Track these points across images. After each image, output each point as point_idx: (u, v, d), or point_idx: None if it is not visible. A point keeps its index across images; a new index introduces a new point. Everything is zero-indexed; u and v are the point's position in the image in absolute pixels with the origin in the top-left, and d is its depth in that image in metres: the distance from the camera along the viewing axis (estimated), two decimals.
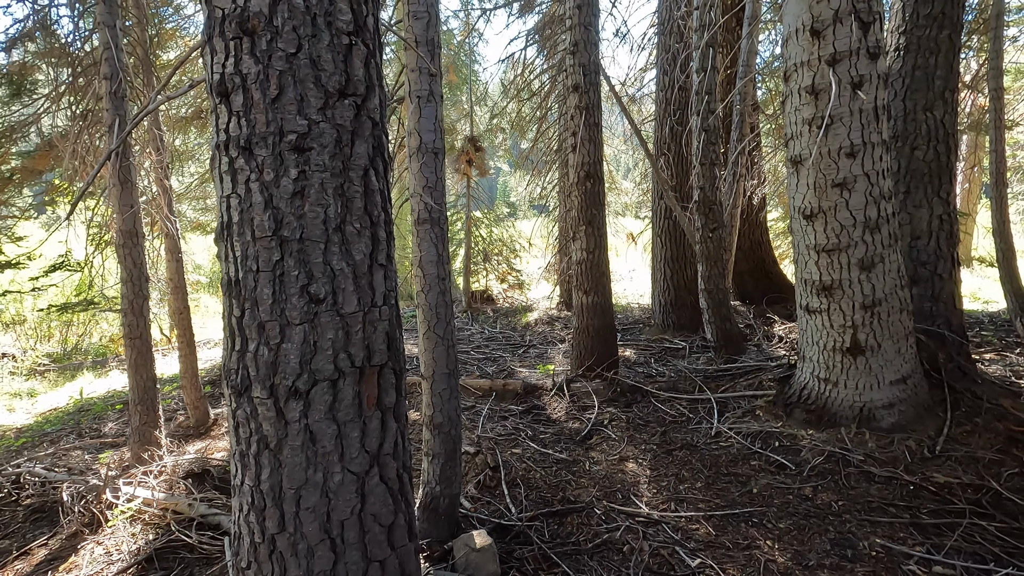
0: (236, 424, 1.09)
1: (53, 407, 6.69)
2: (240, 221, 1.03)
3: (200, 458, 3.79)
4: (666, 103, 6.86)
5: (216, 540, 2.77)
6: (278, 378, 1.04)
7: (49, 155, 4.75)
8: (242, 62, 1.00)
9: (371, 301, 1.11)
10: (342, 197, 1.06)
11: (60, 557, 2.79)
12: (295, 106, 1.01)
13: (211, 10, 1.01)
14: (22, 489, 3.62)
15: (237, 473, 1.11)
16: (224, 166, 1.05)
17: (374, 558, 1.12)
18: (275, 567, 1.07)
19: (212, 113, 1.06)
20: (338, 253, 1.06)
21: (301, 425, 1.05)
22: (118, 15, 3.45)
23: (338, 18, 1.02)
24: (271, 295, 1.03)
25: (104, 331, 11.12)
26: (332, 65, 1.03)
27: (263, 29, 0.98)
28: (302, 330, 1.04)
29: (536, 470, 3.55)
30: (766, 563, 2.49)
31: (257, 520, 1.08)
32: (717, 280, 5.52)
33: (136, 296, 3.62)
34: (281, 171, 1.01)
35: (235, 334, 1.06)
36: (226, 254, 1.07)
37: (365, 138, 1.08)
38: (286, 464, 1.06)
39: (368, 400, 1.10)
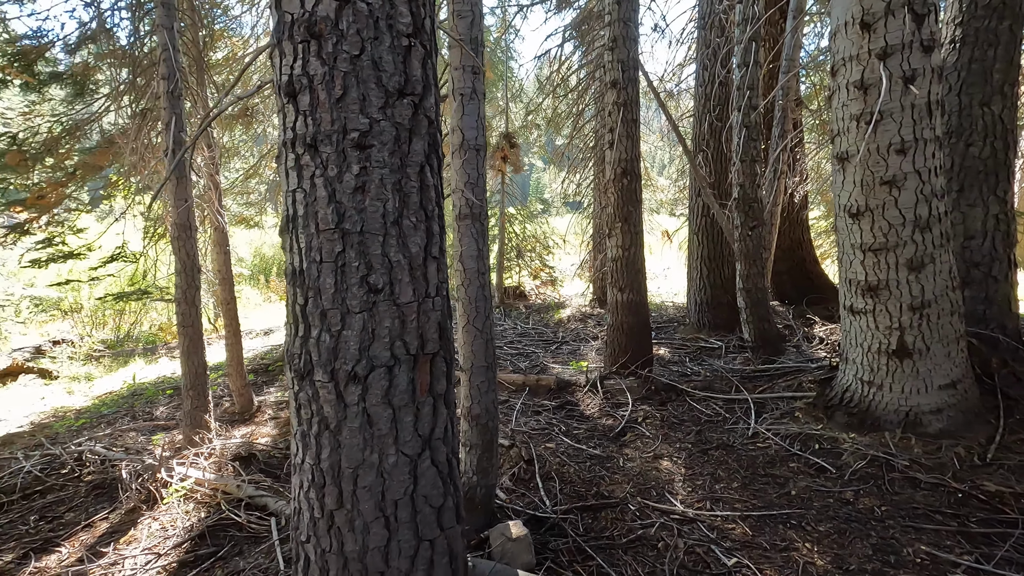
0: (298, 406, 1.16)
1: (108, 391, 7.06)
2: (305, 214, 1.10)
3: (246, 442, 3.96)
4: (705, 99, 6.75)
5: (263, 520, 2.89)
6: (338, 363, 1.10)
7: (109, 151, 4.99)
8: (309, 64, 1.06)
9: (425, 292, 1.16)
10: (400, 192, 1.11)
11: (120, 531, 2.96)
12: (358, 105, 1.06)
13: (281, 15, 1.07)
14: (84, 466, 3.85)
15: (298, 452, 1.18)
16: (290, 162, 1.12)
17: (424, 537, 1.18)
18: (333, 541, 1.14)
19: (279, 112, 1.13)
20: (395, 245, 1.11)
21: (359, 408, 1.11)
22: (175, 17, 3.61)
23: (398, 21, 1.07)
24: (333, 284, 1.09)
25: (153, 320, 11.65)
26: (392, 66, 1.08)
27: (329, 32, 1.04)
28: (361, 318, 1.10)
29: (570, 465, 3.57)
30: (805, 565, 2.46)
31: (317, 497, 1.15)
32: (756, 279, 5.42)
33: (189, 286, 3.79)
34: (344, 167, 1.07)
35: (298, 321, 1.13)
36: (291, 245, 1.14)
37: (422, 136, 1.13)
38: (345, 445, 1.12)
39: (421, 386, 1.16)
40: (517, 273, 11.49)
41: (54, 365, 8.26)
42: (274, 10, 1.09)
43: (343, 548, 1.13)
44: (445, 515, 1.21)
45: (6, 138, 4.38)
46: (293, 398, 1.17)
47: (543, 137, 12.19)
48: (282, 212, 1.16)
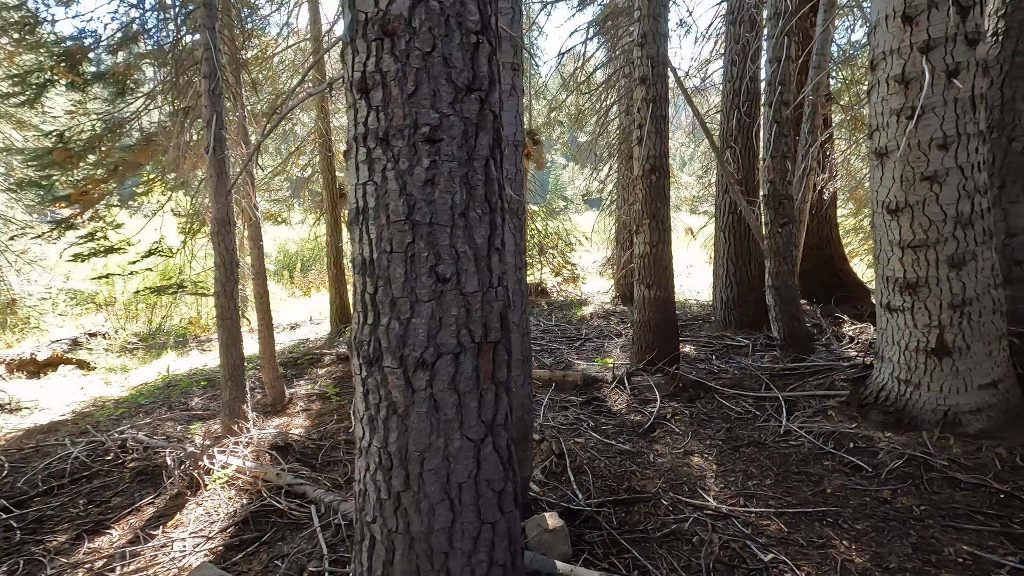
0: (366, 391, 1.21)
1: (143, 382, 7.26)
2: (376, 206, 1.14)
3: (282, 433, 4.06)
4: (733, 94, 6.68)
5: (303, 508, 2.97)
6: (407, 350, 1.15)
7: (148, 149, 5.13)
8: (382, 61, 1.10)
9: (489, 282, 1.20)
10: (467, 185, 1.15)
11: (167, 515, 3.06)
12: (428, 101, 1.10)
13: (354, 14, 1.11)
14: (127, 453, 3.98)
15: (364, 436, 1.23)
16: (361, 156, 1.16)
17: (486, 520, 1.21)
18: (399, 521, 1.18)
19: (350, 108, 1.17)
20: (462, 237, 1.15)
21: (427, 394, 1.15)
22: (217, 18, 3.70)
23: (468, 19, 1.11)
24: (403, 274, 1.13)
25: (183, 314, 11.92)
26: (461, 62, 1.11)
27: (403, 30, 1.07)
28: (430, 307, 1.14)
29: (600, 459, 3.59)
30: (843, 562, 2.45)
31: (384, 479, 1.19)
32: (786, 277, 5.36)
33: (228, 280, 3.89)
34: (415, 160, 1.11)
35: (367, 309, 1.17)
36: (360, 236, 1.18)
37: (487, 130, 1.17)
38: (412, 429, 1.16)
39: (484, 374, 1.19)
40: (539, 270, 11.51)
41: (91, 356, 8.52)
42: (347, 9, 1.13)
43: (409, 528, 1.17)
44: (505, 499, 1.25)
45: (54, 136, 4.54)
46: (360, 384, 1.22)
47: (566, 134, 12.17)
48: (350, 204, 1.21)
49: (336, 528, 2.71)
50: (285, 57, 9.83)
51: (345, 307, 8.83)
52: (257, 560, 2.56)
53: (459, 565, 1.19)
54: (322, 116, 8.14)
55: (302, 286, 15.82)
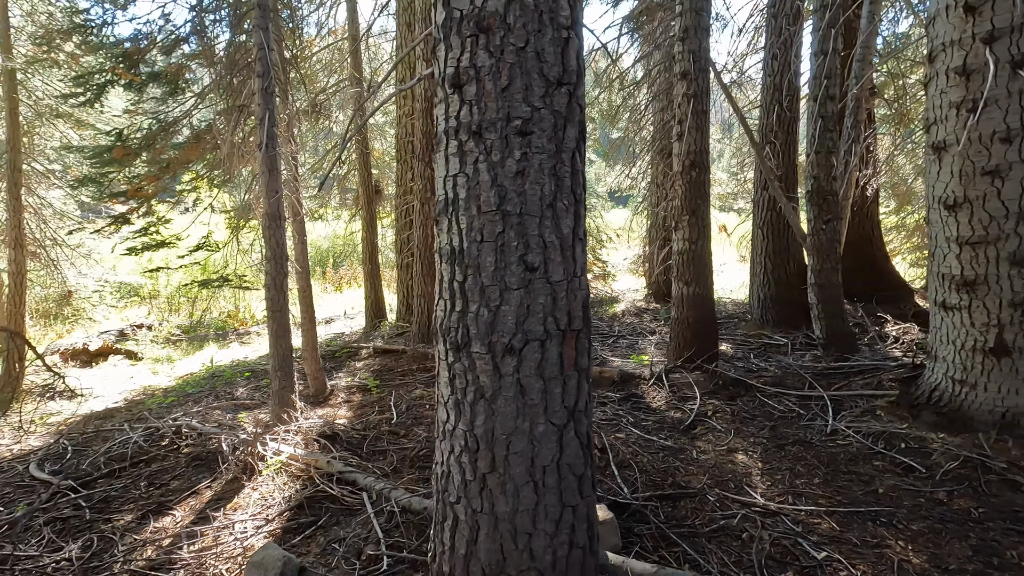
0: (452, 376, 1.25)
1: (189, 372, 7.52)
2: (467, 197, 1.18)
3: (328, 422, 4.17)
4: (774, 89, 6.57)
5: (355, 494, 3.05)
6: (495, 336, 1.18)
7: (198, 147, 5.31)
8: (477, 56, 1.13)
9: (573, 272, 1.23)
10: (555, 176, 1.18)
11: (224, 498, 3.18)
12: (521, 95, 1.13)
13: (449, 11, 1.15)
14: (182, 439, 4.14)
15: (449, 419, 1.27)
16: (452, 149, 1.20)
17: (568, 503, 1.25)
18: (484, 503, 1.23)
19: (440, 103, 1.21)
20: (550, 227, 1.18)
21: (514, 379, 1.19)
22: (270, 19, 3.81)
23: (559, 14, 1.14)
24: (493, 263, 1.17)
25: (222, 308, 12.29)
26: (553, 56, 1.14)
27: (498, 26, 1.11)
28: (518, 295, 1.17)
29: (642, 455, 3.60)
30: (900, 562, 2.41)
31: (469, 460, 1.23)
32: (829, 274, 5.27)
33: (278, 273, 4.01)
34: (507, 153, 1.14)
35: (455, 297, 1.22)
36: (449, 227, 1.22)
37: (574, 123, 1.20)
38: (499, 413, 1.20)
39: (568, 361, 1.23)
40: None
41: (138, 347, 8.85)
42: (442, 7, 1.17)
43: (494, 508, 1.22)
44: (585, 484, 1.28)
45: (113, 134, 4.73)
46: (447, 368, 1.26)
47: (597, 131, 12.12)
48: (438, 196, 1.25)
49: (390, 515, 2.78)
50: (322, 56, 10.01)
51: (380, 302, 8.98)
52: (315, 543, 2.65)
53: (542, 546, 1.23)
54: (359, 114, 8.28)
55: (334, 282, 16.11)
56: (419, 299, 6.99)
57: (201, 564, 2.51)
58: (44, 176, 7.62)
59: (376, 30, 10.47)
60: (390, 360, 6.59)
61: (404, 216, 7.85)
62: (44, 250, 7.57)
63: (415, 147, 6.96)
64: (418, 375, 5.82)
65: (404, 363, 6.36)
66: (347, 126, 5.99)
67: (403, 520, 2.72)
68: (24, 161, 7.00)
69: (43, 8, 6.72)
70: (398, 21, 7.83)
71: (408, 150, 7.59)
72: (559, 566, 1.25)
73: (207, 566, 2.49)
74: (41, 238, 7.55)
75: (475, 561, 1.25)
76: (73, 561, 2.56)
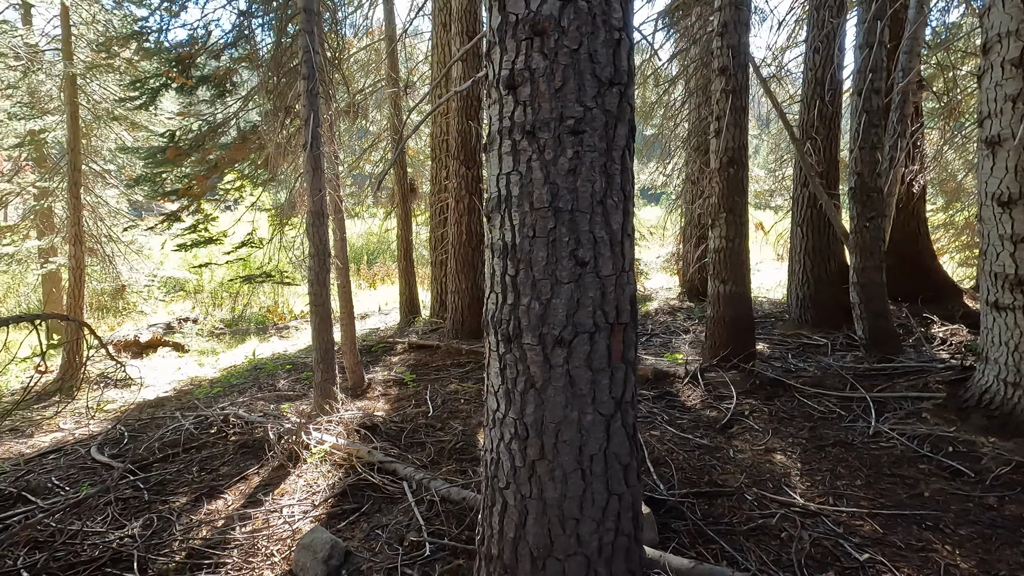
0: (503, 366, 1.30)
1: (232, 364, 7.81)
2: (520, 194, 1.23)
3: (367, 414, 4.29)
4: (815, 83, 6.42)
5: (395, 483, 3.15)
6: (546, 328, 1.23)
7: (244, 147, 5.51)
8: (532, 58, 1.18)
9: (621, 267, 1.27)
10: (605, 174, 1.21)
11: (272, 484, 3.32)
12: (574, 95, 1.17)
13: (505, 15, 1.20)
14: (229, 427, 4.32)
15: (499, 407, 1.33)
16: (506, 148, 1.25)
17: (614, 491, 1.29)
18: (533, 488, 1.28)
19: (494, 104, 1.26)
20: (600, 223, 1.22)
21: (563, 370, 1.23)
22: (315, 23, 3.93)
23: (612, 16, 1.17)
24: (545, 257, 1.22)
25: (261, 303, 12.68)
26: (605, 58, 1.18)
27: (552, 29, 1.15)
28: (569, 288, 1.22)
29: (678, 452, 3.59)
30: (946, 567, 2.36)
31: (519, 448, 1.28)
32: (872, 273, 5.13)
33: (321, 269, 4.14)
34: (559, 151, 1.19)
35: (507, 290, 1.27)
36: (501, 223, 1.27)
37: (624, 122, 1.23)
38: (548, 402, 1.25)
39: (615, 353, 1.26)
40: None
41: (184, 340, 9.23)
42: (497, 11, 1.22)
43: (543, 494, 1.26)
44: (630, 473, 1.32)
45: (166, 136, 4.96)
46: (497, 359, 1.32)
47: None
48: (490, 193, 1.30)
49: (430, 504, 2.86)
50: (359, 57, 10.20)
51: (414, 298, 9.13)
52: (359, 529, 2.75)
53: (588, 532, 1.27)
54: (395, 113, 8.43)
55: (368, 278, 16.42)
56: (453, 295, 7.10)
57: (253, 545, 2.64)
58: (100, 176, 8.03)
59: (411, 30, 10.61)
60: (425, 355, 6.71)
61: (439, 214, 7.96)
62: (100, 246, 7.98)
63: (450, 145, 7.06)
64: (452, 370, 5.91)
65: (439, 358, 6.47)
66: (401, 131, 6.10)
67: (443, 509, 2.79)
68: (83, 161, 7.40)
69: (103, 17, 7.08)
70: (434, 21, 7.94)
71: (443, 148, 7.70)
72: (605, 552, 1.29)
73: (259, 547, 2.62)
74: (97, 234, 7.96)
75: (523, 544, 1.30)
76: (136, 538, 2.72)
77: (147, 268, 8.77)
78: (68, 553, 2.61)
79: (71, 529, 2.82)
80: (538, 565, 1.28)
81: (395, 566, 2.38)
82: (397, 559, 2.42)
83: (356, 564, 2.43)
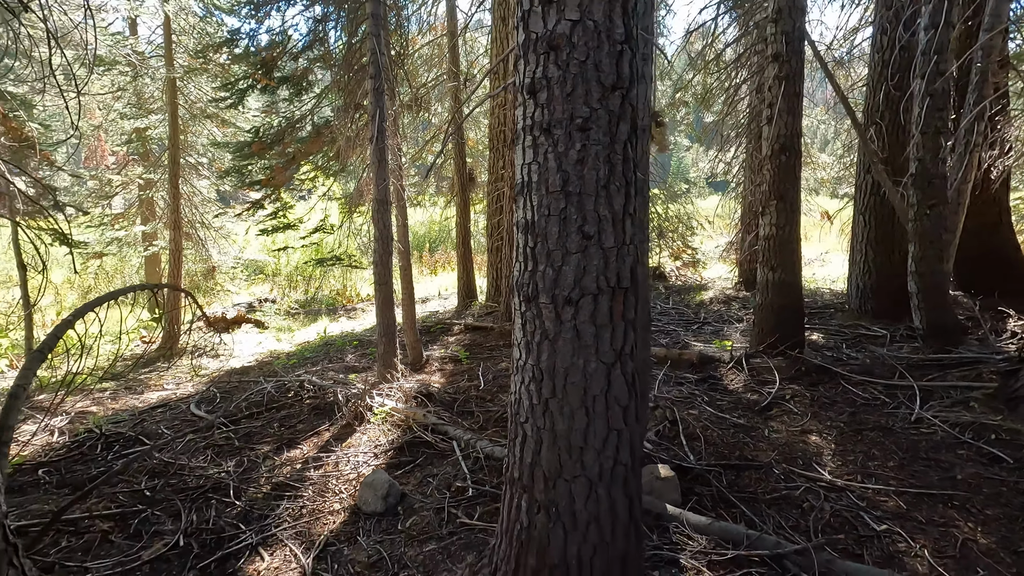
0: (524, 322, 1.58)
1: (305, 340, 8.54)
2: (538, 181, 1.50)
3: (424, 385, 4.70)
4: (883, 65, 6.20)
5: (446, 442, 3.52)
6: (558, 290, 1.50)
7: (318, 140, 6.04)
8: (548, 69, 1.44)
9: (622, 241, 1.51)
10: (608, 163, 1.46)
11: (340, 439, 3.78)
12: (582, 99, 1.42)
13: (528, 34, 1.47)
14: (304, 391, 4.86)
15: (521, 356, 1.61)
16: (528, 143, 1.52)
17: (613, 427, 1.54)
18: (546, 421, 1.55)
19: (519, 106, 1.53)
20: (604, 204, 1.47)
21: (572, 324, 1.50)
22: (383, 26, 4.32)
23: (615, 32, 1.41)
24: (557, 232, 1.48)
25: (332, 286, 13.57)
26: (608, 67, 1.42)
27: (564, 45, 1.40)
28: (577, 257, 1.47)
29: (712, 429, 3.74)
30: (964, 541, 2.44)
31: (536, 389, 1.57)
32: (931, 262, 4.99)
33: (384, 252, 4.57)
34: (570, 145, 1.44)
35: (527, 259, 1.54)
36: (524, 204, 1.55)
37: (626, 119, 1.47)
38: (559, 351, 1.52)
39: (616, 313, 1.51)
40: (657, 254, 11.43)
41: (264, 318, 10.12)
42: (521, 31, 1.48)
43: (554, 427, 1.54)
44: (629, 415, 1.56)
45: (252, 131, 5.56)
46: (520, 316, 1.60)
47: (691, 115, 11.87)
48: (516, 180, 1.58)
49: (475, 459, 3.20)
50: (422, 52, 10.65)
51: (471, 283, 9.55)
52: (413, 477, 3.14)
53: (591, 459, 1.53)
54: (456, 106, 8.80)
55: (428, 265, 17.08)
56: (507, 280, 7.42)
57: (325, 483, 3.08)
58: (194, 168, 8.95)
59: (472, 24, 10.93)
60: (479, 336, 7.09)
61: (495, 202, 8.28)
62: (195, 231, 8.92)
63: (507, 136, 7.34)
64: (504, 350, 6.25)
65: (492, 339, 6.83)
66: (452, 121, 6.48)
67: (486, 464, 3.13)
68: (180, 155, 8.30)
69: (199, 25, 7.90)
70: (493, 15, 8.22)
71: (500, 139, 7.99)
72: (604, 477, 1.55)
73: (329, 485, 3.06)
74: (192, 221, 8.90)
75: (538, 468, 1.59)
76: (231, 473, 3.24)
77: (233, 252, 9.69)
78: (179, 481, 3.15)
79: (180, 464, 3.38)
80: (550, 485, 1.56)
81: (442, 506, 2.74)
82: (444, 500, 2.78)
83: (410, 503, 2.81)
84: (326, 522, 2.69)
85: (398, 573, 2.25)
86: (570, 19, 1.40)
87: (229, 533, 2.58)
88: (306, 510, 2.80)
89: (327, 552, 2.43)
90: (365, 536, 2.54)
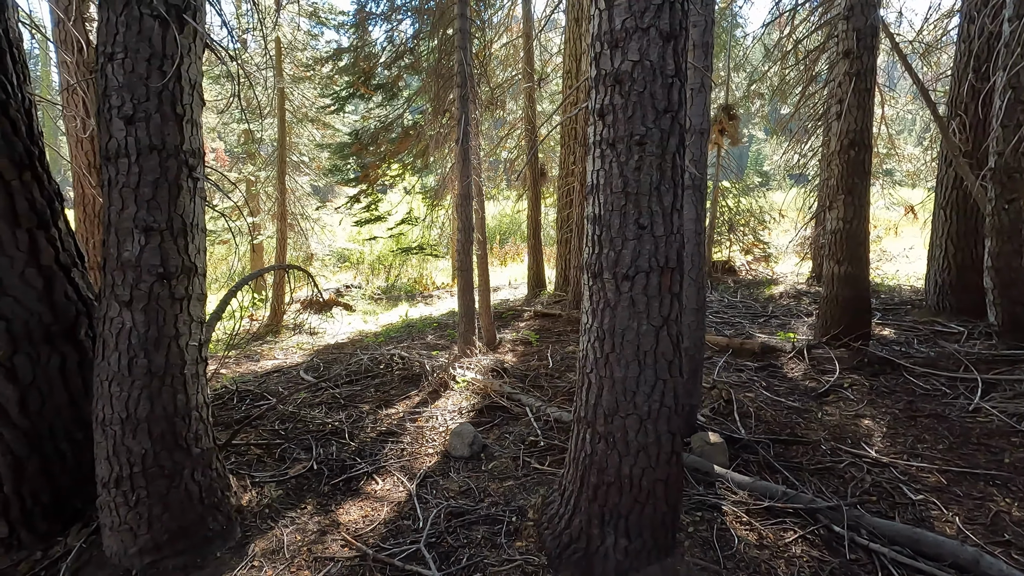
0: (591, 294, 2.03)
1: (389, 322, 9.36)
2: (604, 183, 1.93)
3: (499, 361, 5.23)
4: (968, 56, 6.03)
5: (519, 407, 4.02)
6: (618, 268, 1.92)
7: (407, 141, 6.70)
8: (614, 98, 1.86)
9: (670, 231, 1.91)
10: (660, 170, 1.86)
11: (428, 402, 4.38)
12: (640, 120, 1.84)
13: (599, 70, 1.90)
14: (393, 363, 5.54)
15: (588, 320, 2.06)
16: (597, 153, 1.96)
17: (660, 377, 1.95)
18: (606, 371, 1.99)
19: (590, 125, 1.97)
20: (655, 201, 1.88)
21: (629, 296, 1.92)
22: (468, 40, 4.85)
23: (667, 68, 1.81)
24: (618, 223, 1.91)
25: (410, 275, 14.52)
26: (661, 95, 1.82)
27: (627, 79, 1.82)
28: (633, 243, 1.90)
29: (766, 410, 4.01)
30: (998, 512, 2.64)
31: (599, 345, 2.01)
32: (1009, 257, 4.92)
33: (466, 241, 5.12)
34: (629, 155, 1.86)
35: (595, 244, 1.98)
36: (593, 201, 1.99)
37: (675, 135, 1.87)
38: (618, 316, 1.95)
39: (664, 287, 1.92)
40: (727, 248, 11.40)
41: (351, 302, 11.12)
42: (593, 67, 1.92)
43: (612, 375, 1.97)
44: (673, 368, 1.97)
45: (351, 134, 6.30)
46: (587, 289, 2.05)
47: (766, 107, 11.68)
48: (588, 183, 2.02)
49: (545, 422, 3.69)
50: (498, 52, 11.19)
51: (540, 273, 10.03)
52: (492, 433, 3.66)
53: (641, 400, 1.96)
54: (529, 104, 9.27)
55: (499, 256, 17.72)
56: (575, 270, 7.83)
57: (420, 432, 3.68)
58: (296, 166, 10.00)
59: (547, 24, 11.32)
60: (548, 322, 7.57)
61: (565, 196, 8.69)
62: (297, 222, 9.99)
63: (578, 133, 7.73)
64: (571, 335, 6.68)
65: (560, 325, 7.28)
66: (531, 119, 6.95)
67: (555, 425, 3.61)
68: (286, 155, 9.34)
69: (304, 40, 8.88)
70: (567, 16, 8.59)
71: (571, 136, 8.38)
72: (652, 415, 1.97)
73: (424, 434, 3.65)
74: (295, 213, 9.97)
75: (599, 408, 2.04)
76: (343, 422, 3.90)
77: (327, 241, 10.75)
78: (304, 426, 3.85)
79: (302, 414, 4.10)
80: (609, 420, 2.00)
81: (518, 455, 3.24)
82: (520, 451, 3.28)
83: (490, 451, 3.34)
84: (423, 461, 3.27)
85: (483, 499, 2.78)
86: (631, 60, 1.81)
87: (349, 463, 3.22)
88: (406, 452, 3.40)
89: (426, 481, 3.01)
90: (455, 472, 3.09)
